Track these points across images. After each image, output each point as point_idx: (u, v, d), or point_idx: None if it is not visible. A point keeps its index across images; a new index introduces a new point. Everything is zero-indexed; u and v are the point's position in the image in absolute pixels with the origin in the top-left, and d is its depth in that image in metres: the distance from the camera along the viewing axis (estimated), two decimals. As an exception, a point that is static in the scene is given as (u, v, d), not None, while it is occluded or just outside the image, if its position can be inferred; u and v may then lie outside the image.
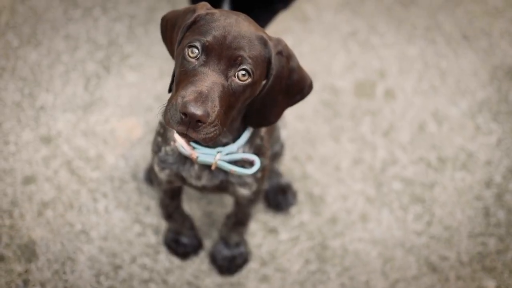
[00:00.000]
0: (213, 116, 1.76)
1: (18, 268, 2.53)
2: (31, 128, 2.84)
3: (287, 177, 2.78)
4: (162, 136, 2.15)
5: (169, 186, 2.31)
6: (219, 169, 2.10)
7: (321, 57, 3.15)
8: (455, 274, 2.62)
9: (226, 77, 1.81)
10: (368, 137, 2.92)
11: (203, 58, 1.81)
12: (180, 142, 2.04)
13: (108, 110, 2.90)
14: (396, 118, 2.98)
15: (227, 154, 2.04)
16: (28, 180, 2.72)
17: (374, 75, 3.10)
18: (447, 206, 2.77)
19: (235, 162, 2.08)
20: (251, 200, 2.33)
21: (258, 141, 2.10)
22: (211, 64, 1.80)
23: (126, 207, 2.69)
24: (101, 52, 3.07)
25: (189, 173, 2.13)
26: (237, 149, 2.05)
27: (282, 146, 2.63)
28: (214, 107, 1.76)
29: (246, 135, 2.05)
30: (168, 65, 3.05)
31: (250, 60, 1.81)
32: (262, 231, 2.68)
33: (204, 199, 2.73)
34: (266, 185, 2.35)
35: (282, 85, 1.92)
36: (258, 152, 2.10)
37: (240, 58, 1.80)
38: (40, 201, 2.68)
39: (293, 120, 2.93)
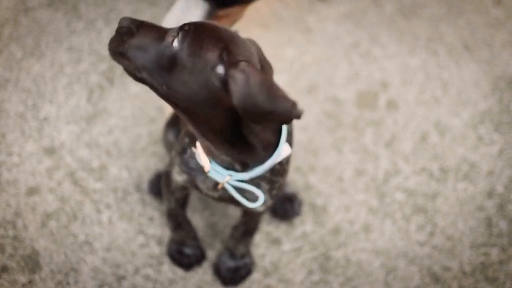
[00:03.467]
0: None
1: (22, 279, 2.53)
2: (35, 139, 2.85)
3: (292, 187, 2.78)
4: (190, 137, 2.07)
5: (182, 193, 2.30)
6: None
7: (324, 68, 3.16)
8: (458, 284, 2.62)
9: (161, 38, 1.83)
10: (370, 148, 2.93)
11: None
12: (199, 151, 1.99)
13: (112, 121, 2.91)
14: (399, 128, 2.99)
15: (236, 180, 1.99)
16: (32, 191, 2.73)
17: (376, 86, 3.11)
18: (450, 217, 2.78)
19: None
20: (262, 212, 2.33)
21: (277, 166, 2.02)
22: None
23: (129, 218, 2.69)
24: (104, 64, 3.08)
25: (205, 183, 2.08)
26: (249, 177, 1.96)
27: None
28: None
29: (261, 169, 1.95)
30: (171, 76, 3.06)
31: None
32: (265, 242, 2.68)
33: (208, 210, 2.74)
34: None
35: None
36: (276, 173, 2.03)
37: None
38: (43, 212, 2.68)
39: (295, 131, 2.93)
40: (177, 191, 2.27)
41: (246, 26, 3.27)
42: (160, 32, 1.84)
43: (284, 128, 1.94)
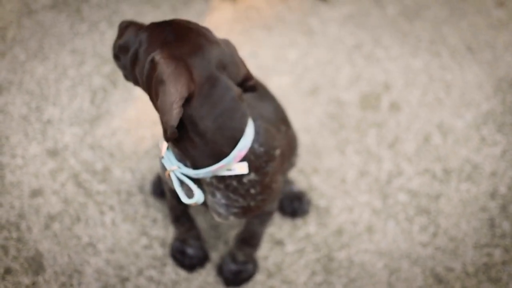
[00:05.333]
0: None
1: (26, 280, 2.54)
2: (38, 141, 2.85)
3: (297, 185, 2.78)
4: None
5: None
6: (209, 192, 2.07)
7: (326, 70, 3.16)
8: (461, 285, 2.62)
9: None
10: (373, 149, 2.93)
11: None
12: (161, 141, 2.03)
13: (115, 123, 2.92)
14: (401, 130, 2.99)
15: (182, 173, 2.00)
16: (35, 193, 2.73)
17: (379, 88, 3.12)
18: (453, 218, 2.78)
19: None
20: (257, 218, 2.33)
21: (233, 182, 2.02)
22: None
23: (133, 220, 2.70)
24: (108, 66, 3.09)
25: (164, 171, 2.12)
26: (194, 175, 1.97)
27: (296, 157, 2.63)
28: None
29: (205, 171, 1.95)
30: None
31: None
32: (268, 243, 2.69)
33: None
34: (274, 207, 2.32)
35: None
36: (233, 190, 2.03)
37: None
38: (47, 214, 2.69)
39: (299, 133, 2.94)
40: (168, 181, 2.27)
41: (249, 28, 3.28)
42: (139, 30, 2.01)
43: (243, 143, 1.94)
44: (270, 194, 2.12)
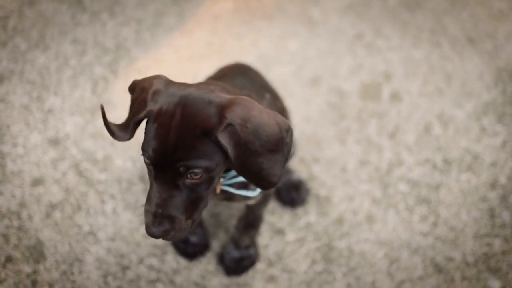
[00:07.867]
0: (178, 225, 1.73)
1: (27, 269, 2.54)
2: (39, 130, 2.86)
3: (297, 174, 2.79)
4: None
5: None
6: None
7: (327, 60, 3.16)
8: (461, 274, 2.62)
9: (178, 187, 1.71)
10: (374, 139, 2.93)
11: (152, 169, 1.71)
12: None
13: (116, 112, 2.92)
14: (402, 120, 2.99)
15: (229, 178, 2.00)
16: (36, 182, 2.74)
17: (380, 78, 3.12)
18: (453, 207, 2.78)
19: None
20: (261, 203, 2.34)
21: None
22: (159, 177, 1.70)
23: (133, 209, 2.70)
24: (109, 56, 3.09)
25: None
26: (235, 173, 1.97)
27: (294, 146, 2.64)
28: (173, 221, 1.72)
29: None
30: (175, 69, 3.07)
31: (194, 163, 1.67)
32: (269, 232, 2.69)
33: (211, 200, 2.74)
34: (272, 190, 2.34)
35: (255, 148, 1.71)
36: None
37: (183, 168, 1.68)
38: (48, 202, 2.69)
39: (299, 123, 2.94)
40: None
41: (250, 18, 3.28)
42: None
43: None
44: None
